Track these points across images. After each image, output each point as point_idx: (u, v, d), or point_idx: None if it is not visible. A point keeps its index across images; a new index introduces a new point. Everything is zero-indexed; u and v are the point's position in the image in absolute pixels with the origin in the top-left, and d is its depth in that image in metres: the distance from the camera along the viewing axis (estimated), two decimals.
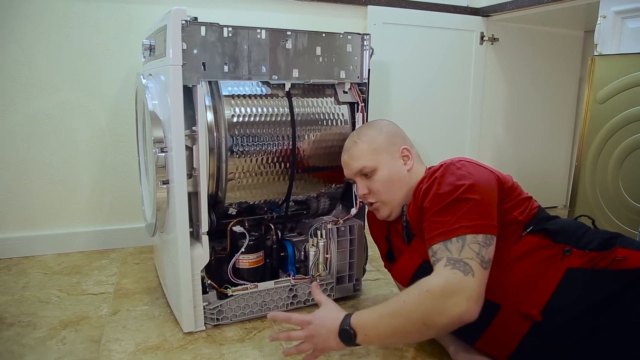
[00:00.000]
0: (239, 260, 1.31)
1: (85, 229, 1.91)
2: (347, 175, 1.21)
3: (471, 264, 0.86)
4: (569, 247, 0.93)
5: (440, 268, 0.88)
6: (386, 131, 1.18)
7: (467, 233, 0.89)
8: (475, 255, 0.87)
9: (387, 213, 1.14)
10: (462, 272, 0.85)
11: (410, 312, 0.86)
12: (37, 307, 1.39)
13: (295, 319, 1.00)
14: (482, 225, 0.90)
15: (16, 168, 1.79)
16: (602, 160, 1.64)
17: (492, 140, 2.52)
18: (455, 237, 0.89)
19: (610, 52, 1.65)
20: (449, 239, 0.90)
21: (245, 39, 1.21)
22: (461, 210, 0.91)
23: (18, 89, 1.74)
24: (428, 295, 0.85)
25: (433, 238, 0.92)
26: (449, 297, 0.84)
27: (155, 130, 1.19)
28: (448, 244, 0.89)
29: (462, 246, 0.88)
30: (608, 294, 0.86)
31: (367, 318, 0.91)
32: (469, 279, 0.85)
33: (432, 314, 0.84)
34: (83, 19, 1.77)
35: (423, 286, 0.87)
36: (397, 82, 2.21)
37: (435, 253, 0.91)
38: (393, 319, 0.88)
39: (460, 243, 0.88)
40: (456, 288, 0.84)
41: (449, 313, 0.83)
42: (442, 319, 0.84)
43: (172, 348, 1.18)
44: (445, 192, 0.93)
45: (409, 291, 0.89)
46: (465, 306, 0.83)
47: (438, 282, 0.86)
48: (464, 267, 0.86)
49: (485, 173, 0.98)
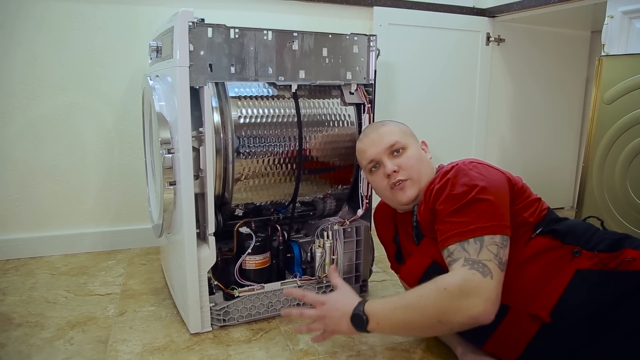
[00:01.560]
0: (246, 261, 1.31)
1: (92, 230, 1.91)
2: (372, 155, 1.13)
3: (489, 265, 0.86)
4: (578, 248, 0.92)
5: (458, 267, 0.87)
6: (405, 125, 1.20)
7: (485, 234, 0.89)
8: (494, 256, 0.87)
9: (415, 193, 1.08)
10: (480, 273, 0.85)
11: (426, 308, 0.86)
12: (45, 307, 1.40)
13: (310, 298, 1.01)
14: (499, 226, 0.90)
15: (24, 169, 1.80)
16: (609, 161, 1.63)
17: (498, 141, 2.51)
18: (472, 238, 0.89)
19: (617, 52, 1.64)
20: (465, 240, 0.89)
21: (252, 40, 1.21)
22: (476, 211, 0.90)
23: (26, 90, 1.75)
24: (445, 293, 0.85)
25: (448, 239, 0.92)
26: (466, 297, 0.83)
27: (162, 132, 1.20)
28: (465, 245, 0.89)
29: (480, 247, 0.88)
30: (617, 295, 0.86)
31: (381, 307, 0.91)
32: (487, 281, 0.85)
33: (448, 312, 0.84)
34: (90, 21, 1.78)
35: (441, 283, 0.86)
36: (403, 83, 2.21)
37: (451, 253, 0.90)
38: (407, 312, 0.88)
39: (478, 244, 0.88)
40: (474, 289, 0.84)
41: (465, 313, 0.83)
42: (457, 318, 0.84)
43: (178, 349, 1.18)
44: (459, 193, 0.93)
45: (425, 286, 0.88)
46: (482, 307, 0.83)
47: (456, 281, 0.85)
48: (482, 268, 0.86)
49: (496, 174, 0.98)
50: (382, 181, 1.12)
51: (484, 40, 2.32)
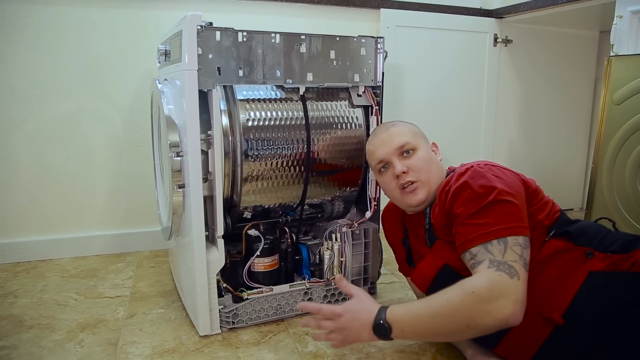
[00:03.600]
0: (254, 263, 1.31)
1: (102, 233, 1.93)
2: (382, 156, 1.12)
3: (515, 266, 0.84)
4: (591, 250, 0.92)
5: (484, 270, 0.85)
6: (416, 126, 1.19)
7: (508, 235, 0.87)
8: (519, 257, 0.85)
9: (425, 195, 1.08)
10: (507, 274, 0.83)
11: (454, 313, 0.83)
12: (55, 310, 1.41)
13: (326, 311, 0.96)
14: (521, 227, 0.89)
15: (34, 172, 1.82)
16: (619, 162, 1.62)
17: (506, 142, 2.50)
18: (495, 239, 0.87)
19: (627, 52, 1.63)
20: (489, 242, 0.87)
21: (260, 43, 1.21)
22: (498, 213, 0.89)
23: (36, 94, 1.77)
24: (474, 297, 0.82)
25: (470, 241, 0.90)
26: (495, 299, 0.81)
27: (171, 135, 1.20)
28: (489, 247, 0.87)
29: (505, 249, 0.86)
30: (630, 296, 0.85)
31: (405, 315, 0.87)
32: (515, 282, 0.82)
33: (477, 316, 0.81)
34: (99, 26, 1.80)
35: (467, 287, 0.84)
36: (410, 85, 2.21)
37: (475, 256, 0.88)
38: (434, 319, 0.85)
39: (502, 245, 0.86)
40: (503, 290, 0.81)
41: (495, 316, 0.80)
42: (487, 321, 0.81)
43: (188, 351, 1.19)
44: (478, 195, 0.91)
45: (451, 291, 0.85)
46: (512, 309, 0.80)
47: (484, 283, 0.83)
48: (509, 269, 0.83)
49: (512, 176, 0.97)
50: (391, 182, 1.12)
51: (491, 41, 2.31)
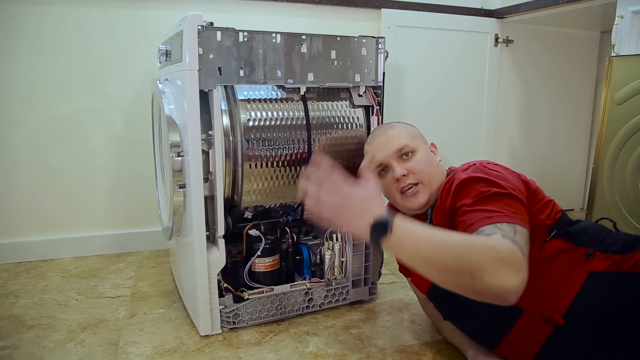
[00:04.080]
0: (255, 263, 1.31)
1: (102, 233, 1.93)
2: (381, 159, 1.12)
3: (525, 250, 0.79)
4: (592, 250, 0.92)
5: (501, 238, 0.78)
6: (414, 127, 1.19)
7: (516, 223, 0.83)
8: (525, 244, 0.81)
9: (426, 198, 1.07)
10: (522, 253, 0.77)
11: (466, 253, 0.76)
12: (56, 309, 1.41)
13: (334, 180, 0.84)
14: (525, 221, 0.86)
15: (35, 172, 1.82)
16: (620, 162, 1.61)
17: (506, 142, 2.50)
18: (505, 222, 0.82)
19: (628, 52, 1.63)
20: (499, 222, 0.82)
21: (261, 43, 1.21)
22: (502, 202, 0.87)
23: (36, 94, 1.77)
24: (494, 251, 0.75)
25: (477, 222, 0.84)
26: (510, 266, 0.75)
27: (171, 135, 1.20)
28: (499, 225, 0.82)
29: (515, 231, 0.81)
30: (631, 297, 0.85)
31: (414, 228, 0.80)
32: (526, 262, 0.77)
33: (486, 270, 0.74)
34: (100, 26, 1.80)
35: (492, 241, 0.77)
36: (411, 85, 2.21)
37: (484, 230, 0.82)
38: (442, 247, 0.78)
39: (512, 228, 0.82)
40: (518, 263, 0.75)
41: (501, 281, 0.74)
42: (491, 280, 0.74)
43: (189, 351, 1.19)
44: (482, 185, 0.90)
45: (473, 237, 0.81)
46: (517, 284, 0.74)
47: (507, 246, 0.76)
48: (522, 248, 0.78)
49: (513, 175, 0.97)
50: (392, 185, 1.11)
51: (492, 42, 2.31)
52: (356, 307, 1.43)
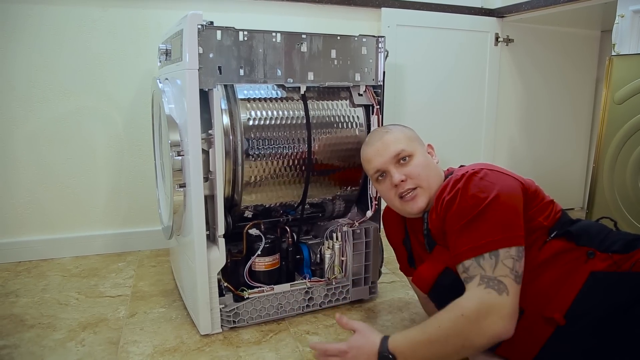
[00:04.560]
0: (255, 263, 1.31)
1: (103, 232, 1.93)
2: (379, 165, 1.12)
3: (505, 281, 0.86)
4: (592, 250, 0.91)
5: (474, 288, 0.87)
6: (410, 129, 1.18)
7: (499, 247, 0.87)
8: (510, 271, 0.87)
9: (425, 202, 1.07)
10: (496, 291, 0.85)
11: (447, 338, 0.85)
12: (57, 309, 1.41)
13: (332, 349, 0.97)
14: (513, 238, 0.89)
15: (35, 172, 1.82)
16: (620, 161, 1.61)
17: (507, 142, 2.50)
18: (487, 252, 0.88)
19: (628, 52, 1.63)
20: (480, 255, 0.88)
21: (261, 42, 1.21)
22: (488, 223, 0.89)
23: (37, 94, 1.77)
24: (463, 319, 0.84)
25: (463, 254, 0.91)
26: (484, 318, 0.83)
27: (172, 134, 1.20)
28: (480, 261, 0.88)
29: (496, 263, 0.87)
30: (632, 296, 0.85)
31: (405, 343, 0.90)
32: (503, 298, 0.84)
33: (469, 337, 0.84)
34: (100, 25, 1.80)
35: (457, 310, 0.86)
36: (411, 84, 2.21)
37: (467, 269, 0.90)
38: (432, 345, 0.87)
39: (494, 260, 0.87)
40: (491, 308, 0.84)
41: (486, 334, 0.84)
42: (480, 340, 0.84)
43: (189, 350, 1.19)
44: (469, 205, 0.91)
45: (442, 316, 0.88)
46: (501, 325, 0.84)
47: (472, 304, 0.85)
48: (498, 285, 0.85)
49: (508, 180, 0.95)
50: (390, 191, 1.11)
51: (492, 41, 2.31)
52: (356, 306, 1.43)
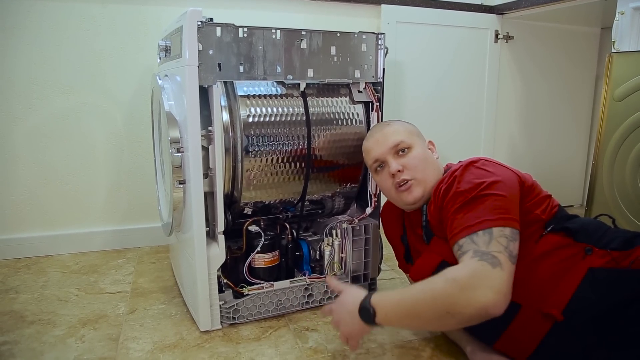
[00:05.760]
0: (255, 259, 1.31)
1: (102, 229, 1.93)
2: (377, 155, 1.14)
3: (499, 257, 0.84)
4: (590, 246, 0.92)
5: (467, 259, 0.85)
6: (412, 124, 1.20)
7: (493, 226, 0.87)
8: (504, 248, 0.85)
9: (420, 193, 1.09)
10: (490, 264, 0.83)
11: (435, 300, 0.84)
12: (57, 305, 1.41)
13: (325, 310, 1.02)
14: (507, 219, 0.89)
15: (34, 169, 1.82)
16: (620, 158, 1.61)
17: (506, 138, 2.50)
18: (481, 230, 0.87)
19: (628, 49, 1.63)
20: (474, 233, 0.88)
21: (260, 39, 1.21)
22: (482, 205, 0.90)
23: (36, 90, 1.77)
24: (455, 283, 0.82)
25: (457, 234, 0.90)
26: (475, 288, 0.81)
27: (171, 131, 1.20)
28: (474, 237, 0.87)
29: (490, 239, 0.86)
30: (630, 293, 0.85)
31: (389, 298, 0.90)
32: (497, 271, 0.82)
33: (457, 303, 0.81)
34: (99, 22, 1.79)
35: (449, 274, 0.84)
36: (411, 81, 2.20)
37: (461, 247, 0.89)
38: (416, 304, 0.86)
39: (487, 236, 0.86)
40: (484, 279, 0.81)
41: (474, 304, 0.80)
42: (467, 309, 0.81)
43: (189, 346, 1.19)
44: (466, 189, 0.92)
45: (434, 279, 0.86)
46: (491, 298, 0.80)
47: (465, 272, 0.83)
48: (492, 259, 0.83)
49: (505, 171, 0.97)
50: (387, 181, 1.12)
51: (492, 38, 2.31)
52: None
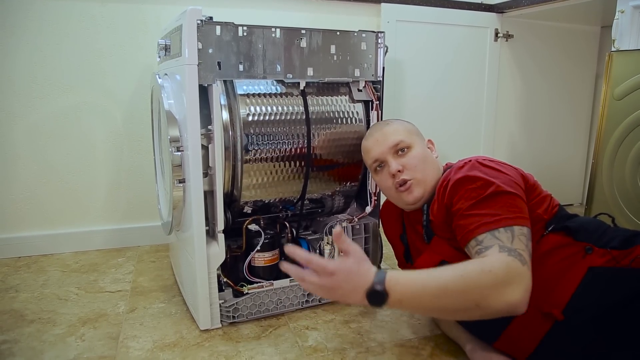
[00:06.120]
0: (255, 258, 1.31)
1: (102, 228, 1.93)
2: (377, 155, 1.14)
3: (524, 255, 0.82)
4: (590, 245, 0.92)
5: (496, 253, 0.81)
6: (411, 124, 1.19)
7: (514, 224, 0.86)
8: (525, 247, 0.84)
9: (421, 194, 1.08)
10: (520, 261, 0.80)
11: (467, 290, 0.77)
12: (56, 304, 1.42)
13: (317, 264, 0.82)
14: (524, 219, 0.88)
15: (34, 168, 1.82)
16: (619, 157, 1.61)
17: (506, 137, 2.50)
18: (502, 227, 0.85)
19: (628, 47, 1.63)
20: (496, 229, 0.85)
21: (260, 38, 1.21)
22: (500, 203, 0.88)
23: (36, 89, 1.77)
24: (491, 276, 0.78)
25: (475, 230, 0.87)
26: (509, 283, 0.78)
27: (171, 130, 1.20)
28: (496, 233, 0.85)
29: (512, 237, 0.84)
30: (631, 292, 0.85)
31: (408, 284, 0.79)
32: (526, 269, 0.80)
33: (490, 296, 0.77)
34: (99, 20, 1.79)
35: (485, 265, 0.79)
36: (411, 80, 2.20)
37: (481, 242, 0.86)
38: (444, 293, 0.78)
39: (510, 233, 0.85)
40: (517, 276, 0.79)
41: (507, 299, 0.77)
42: (498, 304, 0.77)
43: (188, 345, 1.19)
44: (478, 186, 0.91)
45: (467, 267, 0.80)
46: (522, 296, 0.78)
47: (502, 265, 0.79)
48: (519, 256, 0.81)
49: (510, 169, 0.97)
50: (387, 180, 1.12)
51: (492, 36, 2.31)
52: None
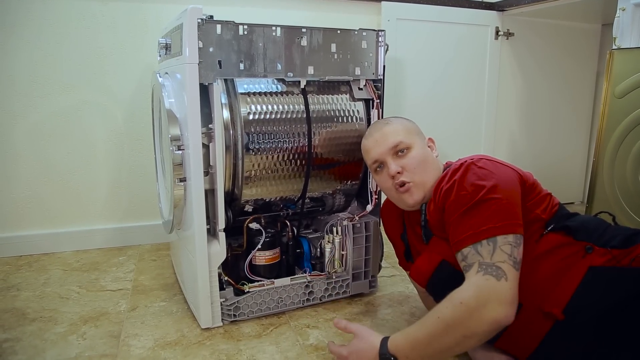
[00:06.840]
0: (256, 257, 1.31)
1: (103, 227, 1.93)
2: (376, 156, 1.13)
3: (504, 267, 0.85)
4: (591, 245, 0.91)
5: (472, 276, 0.86)
6: (411, 121, 1.19)
7: (497, 234, 0.87)
8: (508, 257, 0.86)
9: (421, 196, 1.08)
10: (494, 277, 0.84)
11: (448, 328, 0.84)
12: (58, 302, 1.42)
13: (335, 352, 1.02)
14: (511, 225, 0.88)
15: (36, 166, 1.82)
16: (620, 155, 1.61)
17: (507, 135, 2.49)
18: (485, 239, 0.87)
19: (629, 45, 1.62)
20: (479, 242, 0.88)
21: (261, 36, 1.21)
22: (487, 211, 0.89)
23: (37, 88, 1.77)
24: (462, 307, 0.83)
25: (461, 242, 0.90)
26: (483, 305, 0.82)
27: (172, 128, 1.20)
28: (478, 247, 0.88)
29: (494, 249, 0.87)
30: (631, 292, 0.85)
31: (405, 342, 0.89)
32: (501, 284, 0.84)
33: (470, 325, 0.83)
34: (100, 19, 1.79)
35: (456, 298, 0.85)
36: (411, 78, 2.20)
37: (465, 257, 0.89)
38: (432, 338, 0.86)
39: (492, 245, 0.87)
40: (490, 295, 0.83)
41: (486, 320, 0.82)
42: (481, 327, 0.83)
43: (190, 344, 1.19)
44: (468, 194, 0.91)
45: (441, 307, 0.87)
46: (500, 311, 0.82)
47: (470, 292, 0.84)
48: (496, 271, 0.85)
49: (507, 171, 0.96)
50: (387, 181, 1.12)
51: (492, 35, 2.31)
52: (356, 300, 1.44)
